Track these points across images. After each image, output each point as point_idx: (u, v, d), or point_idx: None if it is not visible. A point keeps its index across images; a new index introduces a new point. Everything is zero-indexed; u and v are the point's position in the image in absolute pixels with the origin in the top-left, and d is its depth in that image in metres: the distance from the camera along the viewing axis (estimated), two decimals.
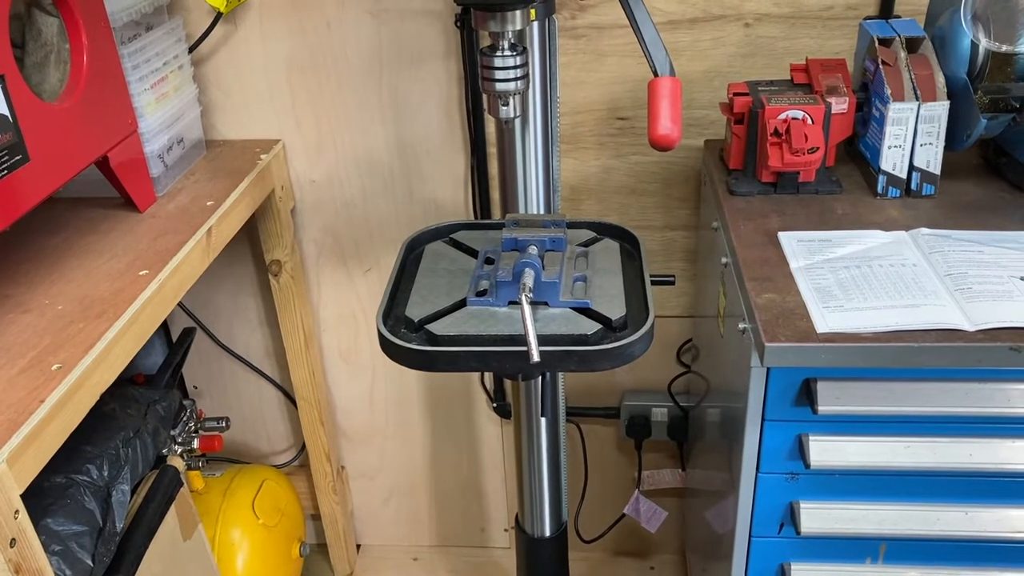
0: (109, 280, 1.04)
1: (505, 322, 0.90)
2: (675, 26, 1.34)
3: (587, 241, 1.08)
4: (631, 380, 1.65)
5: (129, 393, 1.22)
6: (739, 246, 1.05)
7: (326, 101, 1.45)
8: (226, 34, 1.41)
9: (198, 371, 1.74)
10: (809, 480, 1.00)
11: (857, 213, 1.12)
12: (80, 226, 1.18)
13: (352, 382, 1.72)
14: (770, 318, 0.91)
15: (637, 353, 0.87)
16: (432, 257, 1.06)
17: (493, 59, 0.90)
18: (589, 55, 1.38)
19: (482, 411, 1.73)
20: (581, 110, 1.42)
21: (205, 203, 1.23)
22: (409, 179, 1.51)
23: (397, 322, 0.94)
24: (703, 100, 1.39)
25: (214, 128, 1.48)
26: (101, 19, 1.11)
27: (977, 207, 1.12)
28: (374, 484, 1.85)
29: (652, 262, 1.53)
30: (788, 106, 1.12)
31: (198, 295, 1.64)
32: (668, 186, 1.47)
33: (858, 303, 0.92)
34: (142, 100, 1.20)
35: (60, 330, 0.95)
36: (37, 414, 0.82)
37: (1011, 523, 0.99)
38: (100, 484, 1.04)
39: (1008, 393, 0.92)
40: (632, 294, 0.97)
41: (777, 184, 1.17)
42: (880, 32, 1.17)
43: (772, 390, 0.95)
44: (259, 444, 1.82)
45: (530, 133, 1.04)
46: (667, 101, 0.78)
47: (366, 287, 1.62)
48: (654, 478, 1.72)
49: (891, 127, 1.11)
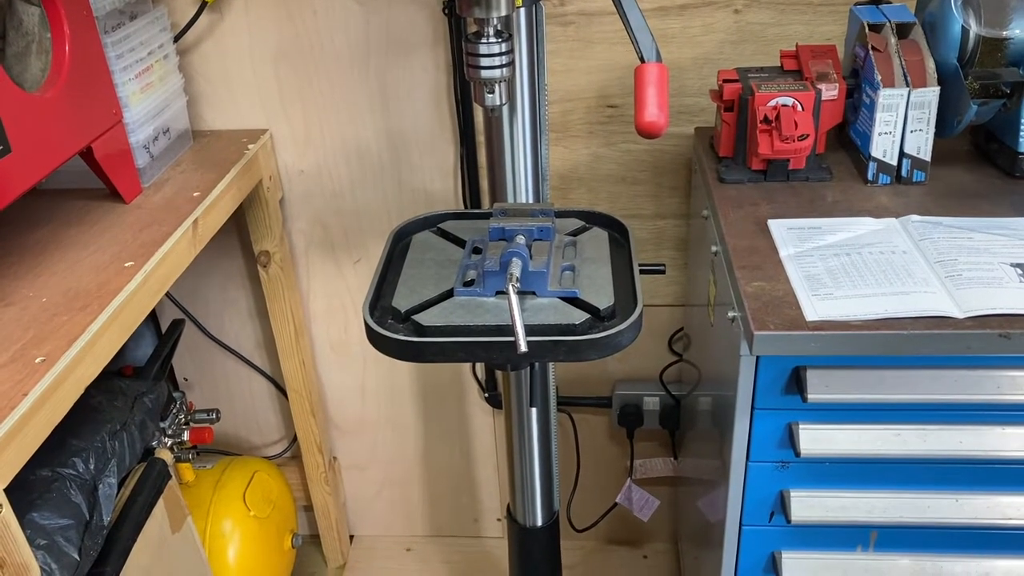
0: (94, 272, 1.03)
1: (493, 312, 0.90)
2: (665, 12, 1.33)
3: (576, 230, 1.07)
4: (623, 369, 1.65)
5: (116, 386, 1.21)
6: (729, 234, 1.05)
7: (314, 90, 1.44)
8: (212, 23, 1.39)
9: (188, 363, 1.73)
10: (799, 468, 1.00)
11: (847, 200, 1.12)
12: (65, 218, 1.17)
13: (343, 373, 1.71)
14: (759, 306, 0.90)
15: (625, 342, 0.86)
16: (420, 247, 1.05)
17: (478, 46, 0.88)
18: (578, 42, 1.36)
19: (474, 401, 1.72)
20: (570, 98, 1.41)
21: (191, 194, 1.22)
22: (398, 169, 1.50)
23: (384, 313, 0.94)
24: (693, 87, 1.38)
25: (201, 118, 1.46)
26: (84, 8, 1.09)
27: (968, 193, 1.12)
28: (366, 475, 1.84)
29: (643, 251, 1.53)
30: (778, 93, 1.11)
31: (187, 286, 1.63)
32: (658, 174, 1.46)
33: (847, 291, 0.92)
34: (126, 90, 1.18)
35: (44, 323, 0.94)
36: (20, 407, 0.81)
37: (1001, 510, 0.99)
38: (86, 477, 1.04)
39: (998, 380, 0.92)
40: (621, 283, 0.96)
41: (767, 171, 1.16)
42: (870, 18, 1.16)
43: (762, 378, 0.95)
44: (250, 436, 1.81)
45: (518, 122, 1.04)
46: (654, 88, 0.77)
47: (356, 278, 1.61)
48: (646, 467, 1.72)
49: (881, 113, 1.10)
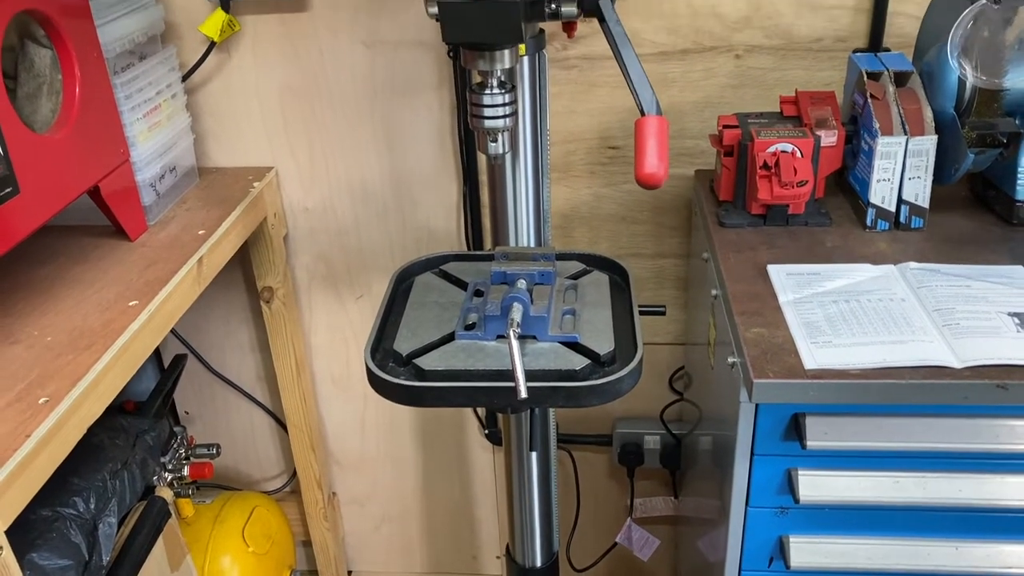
0: (99, 311, 1.04)
1: (493, 356, 0.90)
2: (666, 57, 1.35)
3: (576, 273, 1.08)
4: (623, 407, 1.65)
5: (118, 423, 1.22)
6: (728, 279, 1.06)
7: (320, 129, 1.46)
8: (220, 62, 1.42)
9: (189, 396, 1.74)
10: (799, 514, 0.99)
11: (846, 246, 1.12)
12: (71, 255, 1.18)
13: (343, 408, 1.71)
14: (759, 353, 0.91)
15: (625, 389, 0.87)
16: (422, 289, 1.06)
17: (482, 96, 0.90)
18: (580, 85, 1.38)
19: (474, 438, 1.72)
20: (573, 139, 1.43)
21: (197, 232, 1.23)
22: (402, 206, 1.51)
23: (385, 355, 0.94)
24: (694, 130, 1.39)
25: (207, 155, 1.48)
26: (94, 50, 1.11)
27: (966, 240, 1.13)
28: (365, 510, 1.84)
29: (643, 289, 1.53)
30: (777, 139, 1.13)
31: (190, 320, 1.64)
32: (659, 214, 1.48)
33: (846, 338, 0.92)
34: (134, 129, 1.20)
35: (48, 362, 0.94)
36: (23, 449, 0.81)
37: (1001, 559, 0.98)
38: (86, 517, 1.04)
39: (996, 429, 0.92)
40: (621, 327, 0.97)
41: (767, 216, 1.17)
42: (869, 66, 1.17)
43: (761, 424, 0.95)
44: (250, 470, 1.81)
45: (520, 166, 1.05)
46: (654, 140, 0.78)
47: (358, 313, 1.61)
48: (647, 506, 1.72)
49: (880, 161, 1.11)
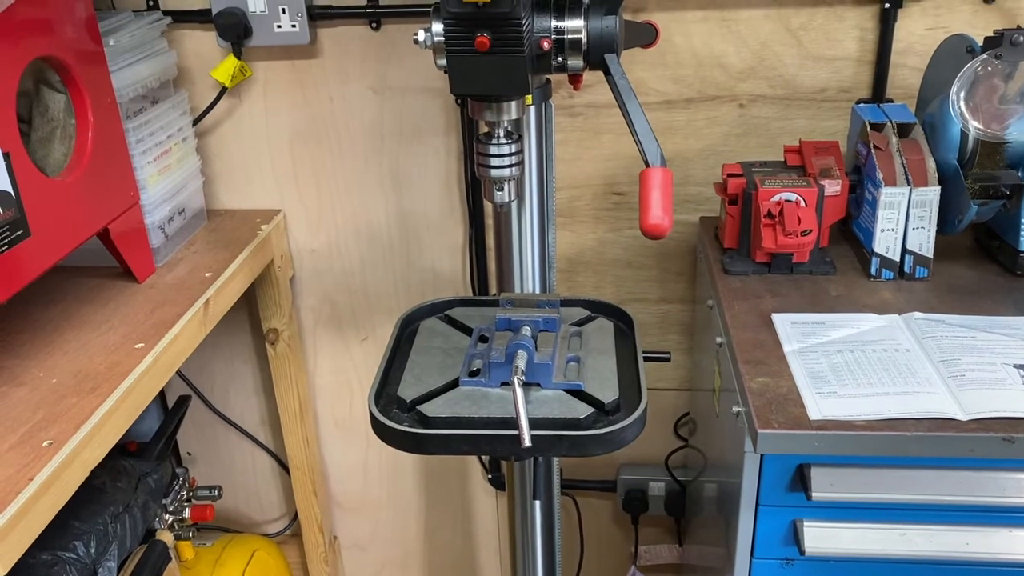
0: (104, 353, 1.05)
1: (497, 403, 0.90)
2: (671, 106, 1.37)
3: (581, 320, 1.08)
4: (628, 453, 1.63)
5: (120, 466, 1.21)
6: (733, 327, 1.06)
7: (328, 172, 1.47)
8: (230, 107, 1.44)
9: (192, 437, 1.73)
10: (804, 566, 0.98)
11: (851, 295, 1.13)
12: (78, 295, 1.19)
13: (346, 451, 1.71)
14: (763, 403, 0.91)
15: (629, 438, 0.86)
16: (427, 334, 1.06)
17: (488, 146, 0.91)
18: (586, 132, 1.40)
19: (477, 482, 1.71)
20: (578, 184, 1.44)
21: (204, 274, 1.24)
22: (408, 249, 1.52)
23: (389, 401, 0.94)
24: (698, 177, 1.41)
25: (216, 198, 1.50)
26: (108, 95, 1.13)
27: (970, 290, 1.13)
28: (367, 555, 1.82)
29: (648, 334, 1.53)
30: (781, 188, 1.14)
31: (194, 361, 1.64)
32: (663, 260, 1.48)
33: (851, 389, 0.92)
34: (145, 173, 1.21)
35: (53, 404, 0.95)
36: (25, 492, 0.81)
37: None
38: (86, 561, 1.03)
39: (1002, 482, 0.91)
40: (626, 375, 0.96)
41: (771, 264, 1.18)
42: (872, 116, 1.19)
43: (766, 475, 0.94)
44: (251, 512, 1.80)
45: (526, 213, 1.05)
46: (658, 191, 0.79)
47: (363, 355, 1.62)
48: (651, 553, 1.70)
49: (883, 211, 1.12)
